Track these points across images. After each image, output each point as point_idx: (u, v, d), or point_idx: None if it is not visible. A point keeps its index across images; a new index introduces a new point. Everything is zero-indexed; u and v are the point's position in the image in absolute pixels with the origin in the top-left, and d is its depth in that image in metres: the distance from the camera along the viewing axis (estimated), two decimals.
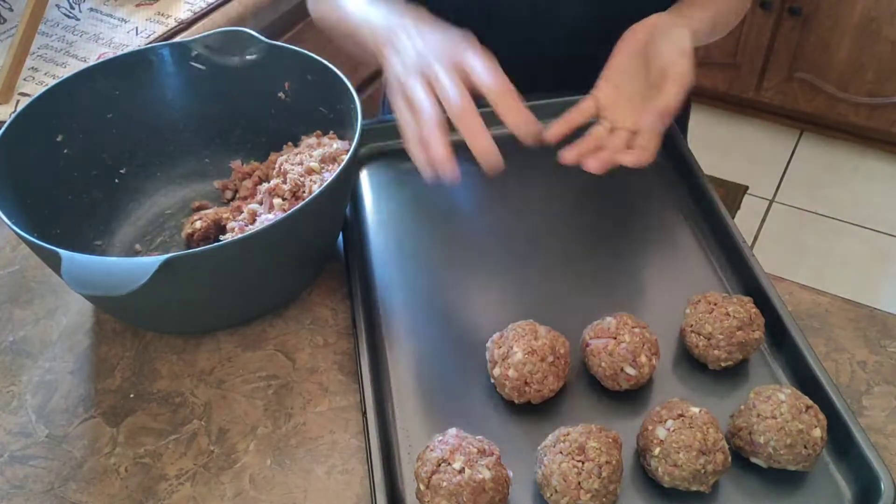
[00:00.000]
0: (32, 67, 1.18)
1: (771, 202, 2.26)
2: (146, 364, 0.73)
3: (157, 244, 0.84)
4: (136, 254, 0.83)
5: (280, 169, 0.80)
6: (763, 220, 2.21)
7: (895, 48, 2.09)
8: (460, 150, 0.92)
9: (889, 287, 2.02)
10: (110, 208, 0.85)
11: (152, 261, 0.60)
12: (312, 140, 0.82)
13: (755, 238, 2.16)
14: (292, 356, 0.74)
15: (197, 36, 0.85)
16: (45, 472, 0.66)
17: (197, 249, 0.65)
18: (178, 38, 1.22)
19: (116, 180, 0.85)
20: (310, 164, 0.78)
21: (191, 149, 0.89)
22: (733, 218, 0.80)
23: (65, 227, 0.79)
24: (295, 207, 0.67)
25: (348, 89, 0.77)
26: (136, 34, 1.26)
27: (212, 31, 0.85)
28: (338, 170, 0.71)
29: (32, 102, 0.78)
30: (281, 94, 0.85)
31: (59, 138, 0.81)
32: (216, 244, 0.64)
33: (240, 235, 0.69)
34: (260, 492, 0.64)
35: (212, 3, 1.32)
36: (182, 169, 0.89)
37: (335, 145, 0.80)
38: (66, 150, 0.81)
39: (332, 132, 0.82)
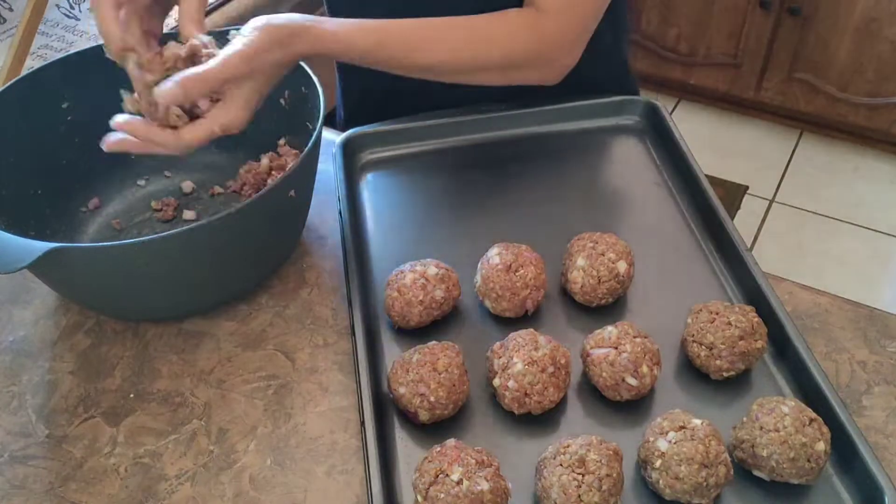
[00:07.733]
0: (32, 67, 1.19)
1: (771, 202, 2.26)
2: (146, 364, 0.73)
3: (136, 222, 0.87)
4: (116, 229, 0.86)
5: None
6: (763, 220, 2.20)
7: (895, 48, 2.09)
8: (461, 153, 0.92)
9: (889, 287, 2.02)
10: (107, 178, 0.88)
11: (40, 246, 0.61)
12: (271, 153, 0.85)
13: (755, 238, 2.16)
14: (292, 356, 0.73)
15: (213, 31, 0.84)
16: (45, 472, 0.66)
17: (88, 245, 0.68)
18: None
19: (120, 154, 0.87)
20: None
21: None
22: (733, 218, 0.80)
23: (49, 188, 0.83)
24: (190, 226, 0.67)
25: (318, 97, 0.77)
26: None
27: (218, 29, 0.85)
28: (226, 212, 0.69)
29: (43, 68, 0.82)
30: (282, 101, 0.85)
31: (65, 105, 0.84)
32: (116, 243, 0.66)
33: (139, 240, 0.68)
34: (260, 492, 0.64)
35: (212, 4, 1.31)
36: (191, 157, 0.88)
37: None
38: (69, 118, 0.84)
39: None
